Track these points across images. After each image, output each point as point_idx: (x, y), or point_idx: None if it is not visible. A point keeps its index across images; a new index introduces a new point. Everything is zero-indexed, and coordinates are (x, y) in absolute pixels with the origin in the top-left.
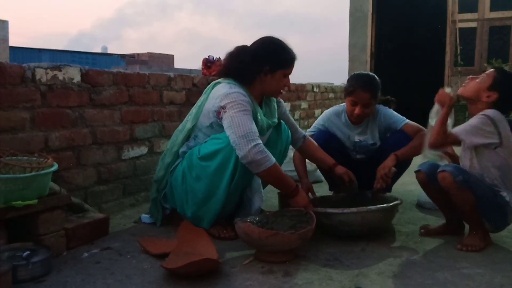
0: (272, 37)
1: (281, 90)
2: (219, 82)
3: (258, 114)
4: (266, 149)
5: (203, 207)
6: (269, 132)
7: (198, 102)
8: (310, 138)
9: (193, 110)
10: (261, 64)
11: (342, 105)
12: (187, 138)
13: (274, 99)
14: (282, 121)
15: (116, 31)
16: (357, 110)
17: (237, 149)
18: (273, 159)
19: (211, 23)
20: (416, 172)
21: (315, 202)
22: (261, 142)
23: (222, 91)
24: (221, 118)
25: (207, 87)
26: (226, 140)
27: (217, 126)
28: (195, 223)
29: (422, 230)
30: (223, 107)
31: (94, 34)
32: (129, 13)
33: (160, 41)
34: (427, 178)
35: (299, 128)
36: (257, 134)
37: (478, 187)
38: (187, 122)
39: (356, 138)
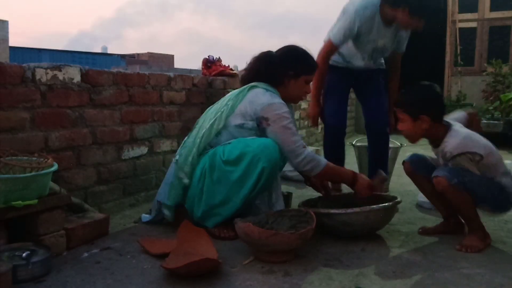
0: (297, 45)
1: (302, 97)
2: (256, 86)
3: None
4: (314, 156)
5: (215, 210)
6: None
7: (229, 102)
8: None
9: (223, 108)
10: (286, 69)
11: (375, 1)
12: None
13: (290, 105)
14: None
15: (117, 31)
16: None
17: (290, 160)
18: (323, 162)
19: (212, 23)
20: (403, 163)
21: (311, 202)
22: (308, 150)
23: (263, 100)
24: (263, 128)
25: (242, 88)
26: (256, 149)
27: (247, 128)
28: (200, 221)
29: (420, 229)
30: (266, 119)
31: (95, 34)
32: (129, 13)
33: (160, 41)
34: (412, 168)
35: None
36: (302, 143)
37: (474, 183)
38: (217, 121)
39: (380, 43)
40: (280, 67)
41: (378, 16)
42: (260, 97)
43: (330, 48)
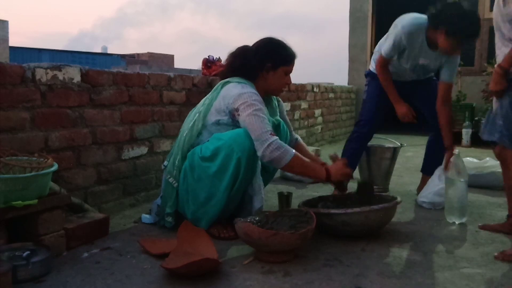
0: (273, 37)
1: (283, 88)
2: (228, 82)
3: (266, 113)
4: (282, 144)
5: (202, 208)
6: None
7: (206, 101)
8: (301, 141)
9: (201, 108)
10: (263, 61)
11: (423, 21)
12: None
13: (275, 98)
14: (281, 120)
15: (117, 31)
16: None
17: (256, 150)
18: (292, 152)
19: (212, 23)
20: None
21: (311, 202)
22: (276, 138)
23: (234, 91)
24: (237, 120)
25: (216, 85)
26: (228, 141)
27: (224, 124)
28: (194, 223)
29: (480, 225)
30: (237, 109)
31: (95, 33)
32: (130, 13)
33: (161, 40)
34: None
35: (292, 131)
36: (270, 131)
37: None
38: (196, 121)
39: (421, 62)
40: (256, 61)
41: (423, 36)
42: (232, 89)
43: (383, 61)
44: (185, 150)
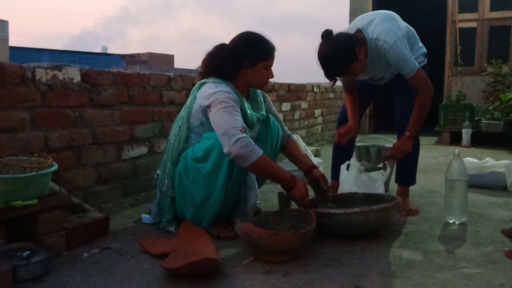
0: (249, 31)
1: (266, 82)
2: (205, 83)
3: (247, 109)
4: (252, 143)
5: (201, 209)
6: (258, 127)
7: (187, 104)
8: (293, 137)
9: (183, 113)
10: (241, 59)
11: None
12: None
13: (260, 93)
14: (270, 115)
15: (120, 30)
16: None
17: (223, 146)
18: (260, 152)
19: (214, 23)
20: None
21: (312, 202)
22: (246, 135)
23: (208, 91)
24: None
25: (193, 88)
26: (217, 138)
27: (207, 124)
28: (195, 224)
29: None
30: (208, 106)
31: (97, 32)
32: (132, 12)
33: (162, 40)
34: None
35: (284, 126)
36: (240, 128)
37: None
38: (181, 127)
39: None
40: (233, 60)
41: None
42: (207, 90)
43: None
44: (175, 156)
